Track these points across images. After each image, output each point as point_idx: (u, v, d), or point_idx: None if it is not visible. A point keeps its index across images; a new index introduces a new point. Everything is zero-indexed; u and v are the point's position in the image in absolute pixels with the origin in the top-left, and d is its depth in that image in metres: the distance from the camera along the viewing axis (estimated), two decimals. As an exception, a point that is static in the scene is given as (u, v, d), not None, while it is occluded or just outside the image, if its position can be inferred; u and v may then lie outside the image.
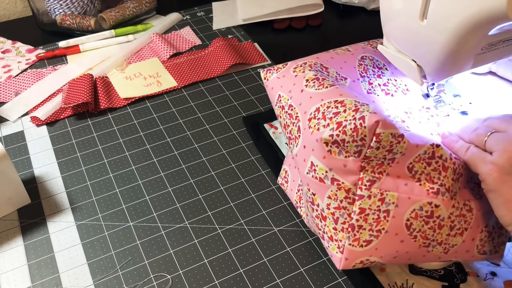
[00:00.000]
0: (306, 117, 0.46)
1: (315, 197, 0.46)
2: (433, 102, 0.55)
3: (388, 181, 0.43)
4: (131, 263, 0.53)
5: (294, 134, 0.48)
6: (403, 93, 0.54)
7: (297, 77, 0.51)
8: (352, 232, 0.44)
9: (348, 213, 0.44)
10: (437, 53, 0.44)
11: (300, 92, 0.49)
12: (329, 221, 0.45)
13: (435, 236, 0.44)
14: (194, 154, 0.66)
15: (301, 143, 0.47)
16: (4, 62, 0.82)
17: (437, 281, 0.50)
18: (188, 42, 0.87)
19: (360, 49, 0.57)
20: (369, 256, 0.45)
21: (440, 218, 0.44)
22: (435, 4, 0.42)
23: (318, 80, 0.49)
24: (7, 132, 0.69)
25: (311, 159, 0.45)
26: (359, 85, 0.52)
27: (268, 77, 0.55)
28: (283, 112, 0.51)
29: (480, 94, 0.57)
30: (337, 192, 0.44)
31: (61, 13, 0.87)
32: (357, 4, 0.94)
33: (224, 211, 0.58)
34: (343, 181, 0.44)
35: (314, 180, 0.45)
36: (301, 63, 0.53)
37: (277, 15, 0.89)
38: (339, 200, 0.44)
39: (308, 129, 0.45)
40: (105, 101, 0.72)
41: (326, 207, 0.45)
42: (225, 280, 0.51)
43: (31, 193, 0.60)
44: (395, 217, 0.43)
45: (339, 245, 0.45)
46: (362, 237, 0.44)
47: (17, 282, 0.51)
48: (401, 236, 0.44)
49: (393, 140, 0.41)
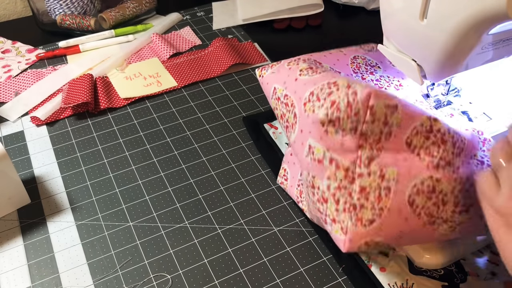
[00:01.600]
0: (302, 102, 0.46)
1: (315, 180, 0.46)
2: (433, 102, 0.55)
3: (387, 157, 0.42)
4: (131, 263, 0.53)
5: (291, 121, 0.48)
6: (395, 89, 0.54)
7: (291, 69, 0.51)
8: (354, 212, 0.43)
9: (348, 192, 0.43)
10: (437, 52, 0.44)
11: (295, 81, 0.49)
12: (330, 203, 0.44)
13: (439, 213, 0.43)
14: (194, 154, 0.66)
15: (298, 128, 0.47)
16: (4, 62, 0.82)
17: (437, 281, 0.50)
18: (188, 42, 0.87)
19: (353, 51, 0.58)
20: (373, 236, 0.43)
21: (443, 193, 0.43)
22: (435, 3, 0.42)
23: (312, 69, 0.49)
24: (7, 132, 0.69)
25: (309, 141, 0.45)
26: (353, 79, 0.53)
27: (263, 74, 0.56)
28: (279, 103, 0.51)
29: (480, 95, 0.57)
30: (336, 172, 0.43)
31: (61, 13, 0.87)
32: (357, 4, 0.94)
33: (224, 211, 0.58)
34: (341, 159, 0.43)
35: (313, 163, 0.45)
36: (295, 58, 0.54)
37: (277, 15, 0.89)
38: (339, 179, 0.43)
39: (304, 113, 0.45)
40: (105, 101, 0.72)
41: (326, 188, 0.44)
42: (225, 280, 0.51)
43: (31, 193, 0.60)
44: (396, 193, 0.42)
45: (342, 226, 0.43)
46: (365, 216, 0.42)
47: (17, 282, 0.51)
48: (404, 213, 0.42)
49: (387, 111, 0.41)
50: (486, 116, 0.54)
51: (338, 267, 0.52)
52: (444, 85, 0.55)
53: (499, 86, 0.58)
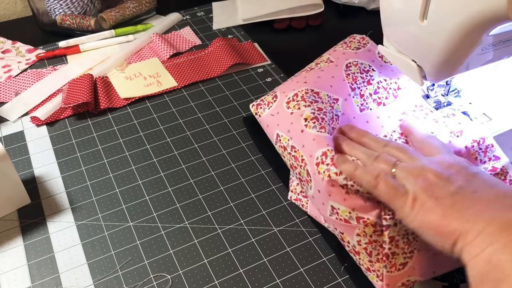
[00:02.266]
0: (313, 161, 0.47)
1: (344, 236, 0.48)
2: (433, 103, 0.55)
3: None
4: (131, 263, 0.53)
5: (305, 177, 0.49)
6: (394, 96, 0.54)
7: (294, 115, 0.51)
8: (388, 260, 0.45)
9: (379, 244, 0.45)
10: (437, 53, 0.44)
11: (301, 132, 0.49)
12: (363, 255, 0.47)
13: None
14: (194, 154, 0.66)
15: (315, 187, 0.47)
16: (4, 62, 0.82)
17: (437, 281, 0.50)
18: (188, 42, 0.87)
19: (342, 57, 0.57)
20: (408, 276, 0.46)
21: None
22: (435, 4, 0.42)
23: (318, 120, 0.49)
24: (7, 132, 0.69)
25: (330, 203, 0.46)
26: (351, 102, 0.53)
27: (260, 113, 0.55)
28: (286, 153, 0.52)
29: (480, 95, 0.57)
30: (365, 229, 0.45)
31: (61, 13, 0.87)
32: (357, 4, 0.94)
33: (224, 211, 0.58)
34: (368, 217, 0.44)
35: (339, 222, 0.46)
36: (292, 95, 0.53)
37: (277, 15, 0.89)
38: (369, 235, 0.45)
39: (318, 175, 0.46)
40: (105, 101, 0.72)
41: (357, 243, 0.46)
42: (225, 280, 0.51)
43: (31, 193, 0.60)
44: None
45: (378, 274, 0.46)
46: (398, 262, 0.45)
47: (17, 282, 0.51)
48: (432, 250, 0.45)
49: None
50: (486, 116, 0.54)
51: (338, 267, 0.52)
52: (444, 85, 0.55)
53: (499, 87, 0.58)
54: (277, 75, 0.79)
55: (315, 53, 0.62)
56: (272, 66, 0.81)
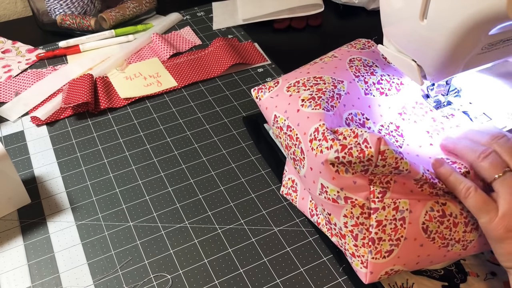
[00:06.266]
0: (307, 138, 0.46)
1: (331, 217, 0.47)
2: (433, 103, 0.55)
3: (397, 189, 0.44)
4: (131, 263, 0.53)
5: (299, 156, 0.48)
6: (396, 90, 0.54)
7: (292, 97, 0.51)
8: (373, 246, 0.44)
9: (366, 227, 0.44)
10: (437, 53, 0.44)
11: (297, 112, 0.49)
12: (348, 239, 0.46)
13: (452, 235, 0.45)
14: (194, 154, 0.66)
15: (307, 165, 0.47)
16: (4, 62, 0.82)
17: (437, 281, 0.50)
18: (188, 42, 0.87)
19: (346, 53, 0.57)
20: (393, 265, 0.45)
21: (453, 216, 0.45)
22: (435, 4, 0.42)
23: (314, 100, 0.48)
24: (7, 132, 0.69)
25: (320, 181, 0.46)
26: (356, 85, 0.52)
27: (260, 97, 0.55)
28: (282, 133, 0.51)
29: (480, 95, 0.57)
30: (352, 210, 0.44)
31: (61, 13, 0.87)
32: (357, 4, 0.94)
33: (224, 211, 0.58)
34: (356, 197, 0.44)
35: (327, 202, 0.46)
36: (294, 82, 0.53)
37: (277, 15, 0.89)
38: (356, 217, 0.44)
39: (311, 151, 0.45)
40: (105, 101, 0.72)
41: (343, 225, 0.46)
42: (225, 280, 0.51)
43: (31, 193, 0.60)
44: (411, 223, 0.44)
45: (362, 260, 0.45)
46: (384, 248, 0.44)
47: (17, 282, 0.51)
48: (419, 240, 0.44)
49: (398, 156, 0.42)
50: (486, 116, 0.54)
51: (338, 267, 0.52)
52: (444, 85, 0.55)
53: (499, 86, 0.58)
54: (277, 75, 0.79)
55: (315, 53, 0.62)
56: (272, 66, 0.81)
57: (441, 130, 0.52)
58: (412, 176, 0.43)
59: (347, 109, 0.50)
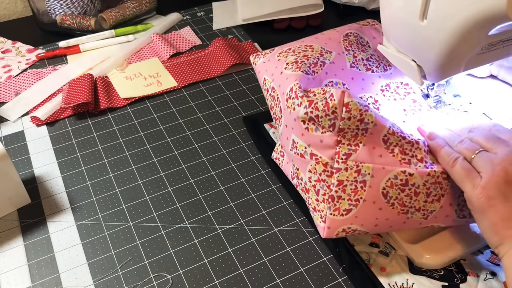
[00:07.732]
0: (284, 97, 0.50)
1: (299, 172, 0.50)
2: (433, 103, 0.55)
3: (363, 153, 0.46)
4: (131, 263, 0.53)
5: (278, 115, 0.52)
6: (384, 69, 0.56)
7: (280, 61, 0.54)
8: (332, 203, 0.47)
9: (327, 185, 0.47)
10: (437, 53, 0.44)
11: (280, 74, 0.52)
12: (311, 193, 0.49)
13: (412, 203, 0.46)
14: (194, 154, 0.66)
15: (283, 122, 0.50)
16: (4, 62, 0.82)
17: (437, 281, 0.50)
18: (188, 42, 0.87)
19: (346, 28, 0.59)
20: (350, 224, 0.47)
21: (415, 186, 0.46)
22: (435, 4, 0.42)
23: (297, 63, 0.52)
24: (7, 132, 0.69)
25: (292, 137, 0.49)
26: (344, 58, 0.55)
27: (256, 62, 0.58)
28: (268, 95, 0.55)
29: (480, 95, 0.57)
30: (316, 166, 0.47)
31: (61, 13, 0.87)
32: (357, 4, 0.94)
33: (224, 211, 0.58)
34: (321, 155, 0.46)
35: (296, 156, 0.49)
36: (286, 49, 0.56)
37: (277, 15, 0.89)
38: (318, 173, 0.47)
39: (287, 109, 0.49)
40: (105, 101, 0.72)
41: (308, 180, 0.49)
42: (225, 280, 0.51)
43: (31, 193, 0.60)
44: (371, 186, 0.46)
45: (322, 215, 0.48)
46: (342, 207, 0.46)
47: (17, 282, 0.51)
48: (378, 204, 0.46)
49: (362, 108, 0.44)
50: (486, 116, 0.54)
51: (338, 267, 0.52)
52: (444, 85, 0.55)
53: (499, 87, 0.58)
54: (277, 75, 0.79)
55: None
56: (272, 66, 0.81)
57: (418, 111, 0.54)
58: (379, 129, 0.45)
59: (328, 77, 0.52)
